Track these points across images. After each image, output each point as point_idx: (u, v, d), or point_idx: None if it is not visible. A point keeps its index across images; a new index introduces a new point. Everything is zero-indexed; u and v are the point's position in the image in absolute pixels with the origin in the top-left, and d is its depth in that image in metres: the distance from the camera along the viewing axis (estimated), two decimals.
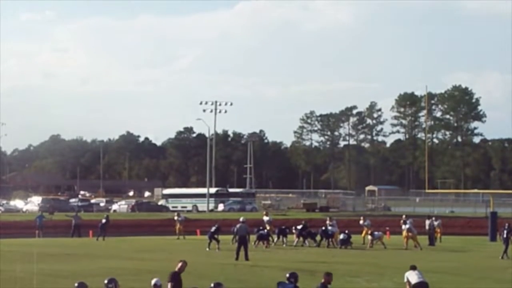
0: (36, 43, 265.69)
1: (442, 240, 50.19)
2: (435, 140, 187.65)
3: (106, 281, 16.37)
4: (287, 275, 18.42)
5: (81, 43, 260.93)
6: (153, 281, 17.26)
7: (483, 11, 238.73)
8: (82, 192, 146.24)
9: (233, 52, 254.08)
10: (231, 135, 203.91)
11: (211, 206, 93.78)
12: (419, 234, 46.62)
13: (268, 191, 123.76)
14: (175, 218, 53.85)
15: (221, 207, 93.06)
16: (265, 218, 49.97)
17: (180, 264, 19.09)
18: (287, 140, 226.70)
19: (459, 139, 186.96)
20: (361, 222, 49.28)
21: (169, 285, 18.59)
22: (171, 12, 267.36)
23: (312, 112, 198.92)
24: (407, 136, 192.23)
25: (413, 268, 21.38)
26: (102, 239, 50.60)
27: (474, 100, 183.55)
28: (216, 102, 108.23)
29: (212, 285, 16.58)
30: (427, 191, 69.26)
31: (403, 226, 46.16)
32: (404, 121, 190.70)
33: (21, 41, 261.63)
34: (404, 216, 49.89)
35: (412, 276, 20.98)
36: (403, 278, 21.34)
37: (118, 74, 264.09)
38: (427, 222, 49.17)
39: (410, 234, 45.01)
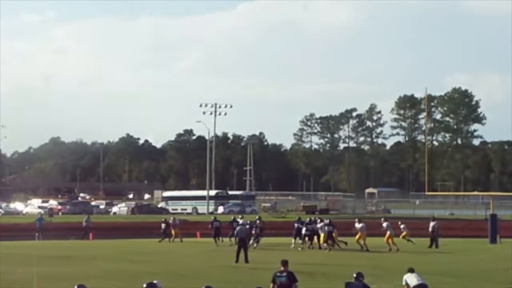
0: (36, 44, 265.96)
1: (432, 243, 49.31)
2: (435, 143, 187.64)
3: (144, 285, 16.41)
4: (354, 274, 18.82)
5: (81, 45, 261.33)
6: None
7: (483, 12, 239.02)
8: (82, 195, 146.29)
9: (233, 54, 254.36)
10: (231, 137, 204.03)
11: (211, 208, 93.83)
12: (422, 236, 46.70)
13: (268, 193, 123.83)
14: (170, 221, 53.67)
15: (221, 209, 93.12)
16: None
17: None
18: (287, 142, 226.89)
19: (459, 141, 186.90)
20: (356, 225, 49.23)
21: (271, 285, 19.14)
22: (171, 13, 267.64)
23: (312, 115, 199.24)
24: (407, 139, 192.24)
25: (411, 270, 21.36)
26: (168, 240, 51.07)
27: (474, 103, 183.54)
28: (216, 104, 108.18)
29: None
30: (427, 193, 69.26)
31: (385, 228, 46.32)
32: (404, 124, 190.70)
33: (21, 42, 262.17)
34: (382, 219, 49.64)
35: (411, 279, 20.96)
36: (401, 281, 21.30)
37: (118, 76, 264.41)
38: (431, 224, 48.95)
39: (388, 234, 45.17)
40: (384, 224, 46.58)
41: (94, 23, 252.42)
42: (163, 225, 52.75)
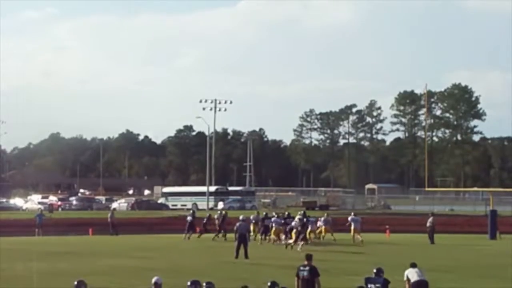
0: (37, 41, 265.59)
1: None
2: (435, 139, 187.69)
3: (188, 283, 16.40)
4: (374, 270, 19.01)
5: (81, 41, 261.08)
6: (153, 279, 17.23)
7: (483, 9, 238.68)
8: (82, 190, 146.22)
9: (233, 50, 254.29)
10: (231, 133, 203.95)
11: (211, 204, 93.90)
12: (423, 232, 46.86)
13: (268, 189, 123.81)
14: (216, 216, 52.06)
15: (220, 205, 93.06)
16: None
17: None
18: (287, 138, 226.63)
19: (459, 137, 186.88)
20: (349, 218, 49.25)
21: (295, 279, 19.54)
22: (171, 10, 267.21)
23: (311, 110, 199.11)
24: (406, 135, 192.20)
25: (413, 265, 21.35)
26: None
27: (473, 99, 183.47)
28: (215, 100, 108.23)
29: (204, 284, 16.56)
30: (426, 189, 69.32)
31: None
32: (403, 120, 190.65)
33: (22, 39, 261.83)
34: (352, 213, 50.06)
35: (412, 274, 20.95)
36: (402, 276, 21.28)
37: (118, 72, 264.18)
38: (430, 219, 48.89)
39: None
40: (349, 218, 47.84)
41: (94, 21, 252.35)
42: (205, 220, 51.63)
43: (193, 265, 33.36)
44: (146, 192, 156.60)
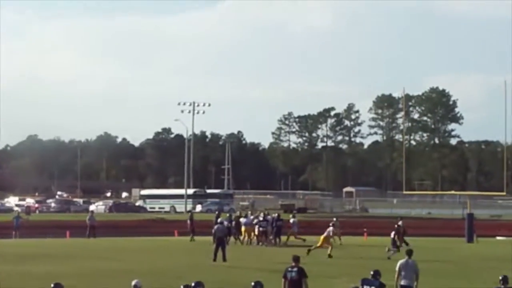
0: (14, 43, 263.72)
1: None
2: (413, 142, 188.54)
3: (193, 284, 16.32)
4: (372, 272, 19.23)
5: (59, 43, 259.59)
6: (133, 282, 17.18)
7: (461, 14, 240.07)
8: (59, 193, 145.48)
9: (211, 53, 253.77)
10: (209, 136, 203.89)
11: (189, 207, 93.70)
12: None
13: (246, 192, 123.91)
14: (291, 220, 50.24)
15: (199, 208, 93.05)
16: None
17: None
18: (265, 141, 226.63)
19: (436, 140, 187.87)
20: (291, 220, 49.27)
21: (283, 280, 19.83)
22: (151, 12, 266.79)
23: (290, 114, 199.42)
24: (384, 138, 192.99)
25: (409, 254, 21.74)
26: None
27: (451, 102, 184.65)
28: (194, 103, 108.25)
29: (193, 284, 16.50)
30: (404, 192, 69.59)
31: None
32: (381, 123, 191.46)
33: (3, 40, 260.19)
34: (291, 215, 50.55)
35: (401, 271, 21.20)
36: (388, 280, 21.16)
37: (96, 74, 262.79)
38: (399, 223, 48.92)
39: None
40: (291, 220, 48.72)
41: (72, 23, 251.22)
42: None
43: (172, 267, 33.31)
44: (124, 194, 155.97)
